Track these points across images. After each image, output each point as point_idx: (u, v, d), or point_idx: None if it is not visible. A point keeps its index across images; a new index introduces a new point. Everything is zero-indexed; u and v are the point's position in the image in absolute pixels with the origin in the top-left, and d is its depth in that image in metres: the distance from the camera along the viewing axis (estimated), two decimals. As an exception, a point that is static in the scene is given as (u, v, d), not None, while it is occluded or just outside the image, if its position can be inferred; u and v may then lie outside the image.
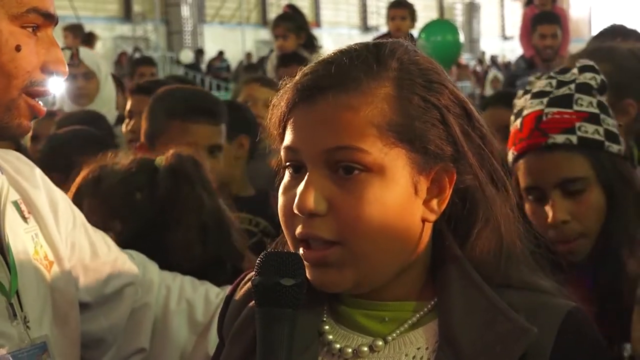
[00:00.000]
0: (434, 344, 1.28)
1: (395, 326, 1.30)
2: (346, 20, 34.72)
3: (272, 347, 1.22)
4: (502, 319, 1.25)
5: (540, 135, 1.83)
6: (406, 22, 6.99)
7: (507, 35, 40.84)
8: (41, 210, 1.70)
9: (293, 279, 1.23)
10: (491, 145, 1.34)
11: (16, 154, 1.79)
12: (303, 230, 1.26)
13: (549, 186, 1.81)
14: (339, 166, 1.25)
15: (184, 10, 27.82)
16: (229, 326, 1.40)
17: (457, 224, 1.33)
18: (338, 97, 1.25)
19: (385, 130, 1.25)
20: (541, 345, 1.24)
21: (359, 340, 1.31)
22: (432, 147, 1.27)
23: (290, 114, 1.29)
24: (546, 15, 7.16)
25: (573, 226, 1.80)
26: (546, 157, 1.82)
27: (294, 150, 1.28)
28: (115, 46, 25.52)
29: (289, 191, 1.28)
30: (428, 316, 1.31)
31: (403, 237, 1.27)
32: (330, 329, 1.33)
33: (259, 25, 30.38)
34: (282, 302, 1.23)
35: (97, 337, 1.85)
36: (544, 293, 1.31)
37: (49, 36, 1.55)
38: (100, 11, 26.11)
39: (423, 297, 1.32)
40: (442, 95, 1.29)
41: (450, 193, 1.30)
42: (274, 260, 1.25)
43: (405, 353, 1.29)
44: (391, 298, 1.31)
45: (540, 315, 1.26)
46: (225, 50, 26.50)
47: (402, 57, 1.30)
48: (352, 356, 1.30)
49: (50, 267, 1.68)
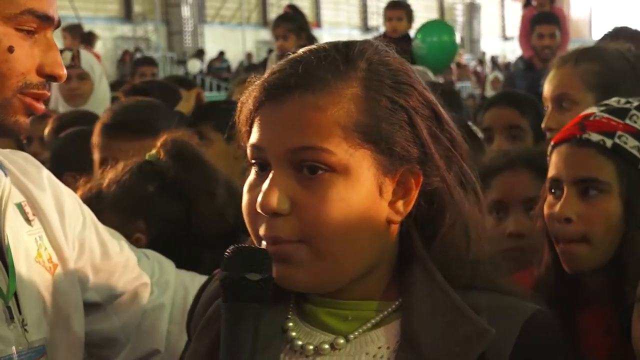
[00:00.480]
0: (395, 343, 1.28)
1: (358, 325, 1.30)
2: (347, 20, 34.71)
3: (236, 342, 1.21)
4: (463, 321, 1.25)
5: (578, 129, 1.78)
6: (403, 23, 6.98)
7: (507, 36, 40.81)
8: (47, 212, 1.69)
9: (259, 274, 1.22)
10: (460, 148, 1.33)
11: (24, 154, 1.79)
12: (266, 232, 1.25)
13: (568, 180, 1.76)
14: (303, 166, 1.25)
15: (184, 10, 27.81)
16: (196, 322, 1.40)
17: (424, 226, 1.32)
18: (304, 96, 1.25)
19: (351, 131, 1.24)
20: (502, 347, 1.24)
21: (321, 337, 1.31)
22: (398, 149, 1.26)
23: (257, 112, 1.29)
24: (544, 16, 7.17)
25: (575, 227, 1.74)
26: (575, 150, 1.77)
27: (260, 149, 1.28)
28: (116, 46, 25.52)
29: (254, 189, 1.28)
30: (391, 316, 1.31)
31: (367, 238, 1.27)
32: (294, 326, 1.33)
33: (259, 25, 30.37)
34: (247, 297, 1.22)
35: (110, 337, 1.84)
36: (509, 295, 1.31)
37: (47, 38, 1.52)
38: (100, 11, 26.10)
39: (387, 297, 1.32)
40: (411, 97, 1.28)
41: (417, 195, 1.29)
42: (242, 255, 1.24)
43: (366, 351, 1.29)
44: (355, 297, 1.31)
45: (502, 316, 1.26)
46: (226, 51, 26.49)
47: (372, 58, 1.29)
48: (313, 353, 1.30)
49: (54, 269, 1.67)
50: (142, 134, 2.60)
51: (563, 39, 6.94)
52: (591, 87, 2.55)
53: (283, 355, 1.31)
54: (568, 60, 2.69)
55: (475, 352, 1.23)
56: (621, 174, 1.74)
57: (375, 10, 35.70)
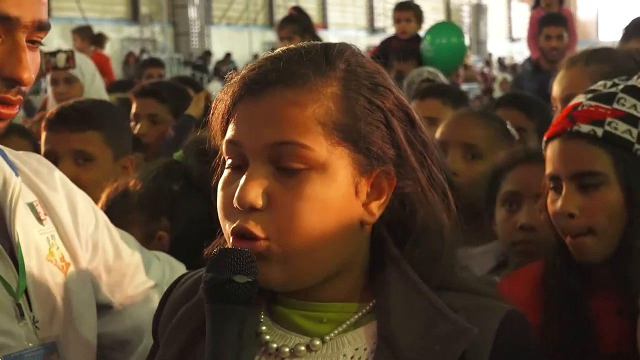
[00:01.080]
0: (373, 344, 1.28)
1: (333, 327, 1.30)
2: (353, 22, 34.71)
3: (222, 343, 1.21)
4: (441, 320, 1.26)
5: (567, 122, 1.78)
6: (411, 24, 6.97)
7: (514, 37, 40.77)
8: (59, 212, 1.70)
9: (246, 277, 1.22)
10: (432, 153, 1.34)
11: (37, 156, 1.80)
12: (237, 224, 1.25)
13: (565, 176, 1.77)
14: (280, 161, 1.24)
15: (191, 11, 27.83)
16: (164, 327, 1.39)
17: (396, 228, 1.33)
18: (284, 92, 1.25)
19: (330, 128, 1.25)
20: (480, 346, 1.25)
21: (297, 339, 1.30)
22: (375, 149, 1.27)
23: (235, 107, 1.28)
24: (552, 17, 7.16)
25: (579, 221, 1.75)
26: (567, 144, 1.77)
27: (236, 144, 1.28)
28: (122, 48, 25.55)
29: (229, 186, 1.28)
30: (366, 317, 1.31)
31: (339, 238, 1.27)
32: (267, 330, 1.32)
33: (266, 26, 30.38)
34: (234, 299, 1.22)
35: (122, 339, 1.84)
36: (483, 296, 1.32)
37: (15, 40, 1.46)
38: (107, 13, 26.14)
39: (362, 298, 1.32)
40: (387, 99, 1.29)
41: (390, 197, 1.30)
42: (227, 257, 1.23)
43: (344, 353, 1.29)
44: (329, 299, 1.31)
45: (479, 316, 1.27)
46: (233, 52, 26.51)
47: (350, 59, 1.30)
48: (289, 355, 1.29)
49: (66, 268, 1.68)
50: (81, 127, 2.72)
51: (571, 40, 6.92)
52: None
53: (257, 358, 1.30)
54: (578, 61, 2.69)
55: (457, 351, 1.24)
56: (616, 161, 1.74)
57: (382, 11, 35.70)
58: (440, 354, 1.24)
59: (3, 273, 1.55)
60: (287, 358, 1.29)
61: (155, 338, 1.44)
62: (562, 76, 2.72)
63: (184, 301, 1.37)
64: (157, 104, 4.02)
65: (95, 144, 2.74)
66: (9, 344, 1.53)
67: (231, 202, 1.26)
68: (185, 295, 1.38)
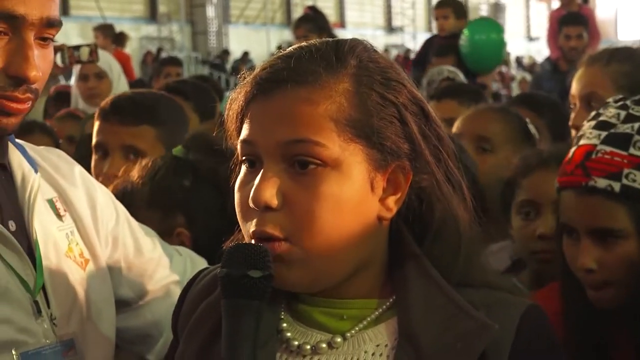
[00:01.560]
0: (394, 341, 1.28)
1: (353, 323, 1.30)
2: (371, 21, 34.68)
3: (237, 338, 1.21)
4: (462, 316, 1.26)
5: (582, 175, 1.71)
6: (450, 21, 6.87)
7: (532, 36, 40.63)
8: (78, 208, 1.71)
9: (261, 271, 1.22)
10: (448, 147, 1.33)
11: (57, 151, 1.80)
12: (256, 227, 1.25)
13: (582, 229, 1.72)
14: (295, 160, 1.24)
15: (209, 10, 27.89)
16: (184, 323, 1.39)
17: (414, 224, 1.32)
18: (296, 90, 1.25)
19: (343, 125, 1.24)
20: (501, 342, 1.25)
21: (318, 336, 1.30)
22: (389, 144, 1.27)
23: (248, 107, 1.29)
24: (572, 16, 7.12)
25: (598, 275, 1.72)
26: (584, 199, 1.71)
27: (251, 143, 1.28)
28: (141, 46, 25.63)
29: (245, 186, 1.28)
30: (387, 314, 1.31)
31: (358, 235, 1.26)
32: (288, 326, 1.32)
33: (283, 25, 30.39)
34: (249, 294, 1.22)
35: (143, 333, 1.84)
36: (502, 291, 1.32)
37: (22, 38, 1.47)
38: (126, 12, 26.23)
39: (381, 295, 1.32)
40: (400, 94, 1.29)
41: (407, 191, 1.29)
42: (242, 252, 1.24)
43: (365, 350, 1.29)
44: (349, 296, 1.31)
45: (499, 312, 1.27)
46: (250, 51, 26.54)
47: (361, 55, 1.29)
48: (310, 353, 1.29)
49: (85, 264, 1.68)
50: (135, 120, 2.59)
51: (592, 39, 6.87)
52: (620, 87, 2.53)
53: (279, 355, 1.31)
54: (598, 59, 2.67)
55: (478, 348, 1.24)
56: (635, 216, 1.69)
57: (399, 10, 35.66)
58: (461, 351, 1.24)
59: (20, 270, 1.56)
60: (309, 355, 1.30)
61: (175, 333, 1.44)
62: (582, 74, 2.70)
63: (204, 296, 1.37)
64: (181, 102, 4.02)
65: (147, 140, 2.60)
66: (26, 341, 1.53)
67: (247, 202, 1.26)
68: (204, 291, 1.38)
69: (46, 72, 1.55)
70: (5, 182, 1.61)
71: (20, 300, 1.54)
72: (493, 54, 6.74)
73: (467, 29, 6.70)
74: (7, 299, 1.52)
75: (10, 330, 1.51)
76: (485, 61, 6.57)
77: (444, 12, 6.93)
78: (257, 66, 1.32)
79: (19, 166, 1.63)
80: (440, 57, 6.30)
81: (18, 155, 1.65)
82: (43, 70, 1.52)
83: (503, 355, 1.24)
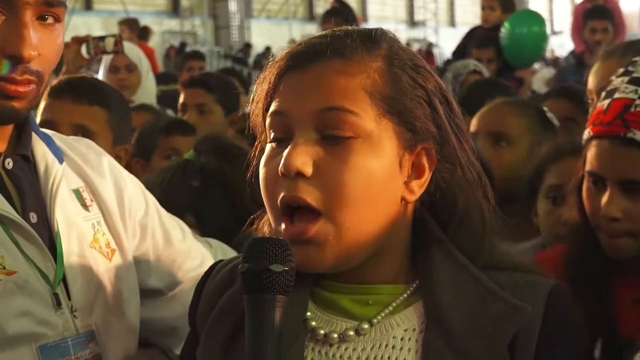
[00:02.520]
0: (421, 324, 1.28)
1: (379, 309, 1.30)
2: (393, 15, 34.59)
3: (261, 334, 1.20)
4: (492, 300, 1.26)
5: (621, 126, 1.73)
6: (495, 13, 6.69)
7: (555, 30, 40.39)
8: (106, 198, 1.70)
9: (283, 265, 1.21)
10: (467, 139, 1.36)
11: (87, 141, 1.80)
12: (287, 193, 1.24)
13: (612, 179, 1.74)
14: (328, 129, 1.25)
15: (231, 5, 27.92)
16: (204, 318, 1.39)
17: (439, 211, 1.33)
18: (333, 61, 1.26)
19: (377, 99, 1.26)
20: (530, 322, 1.25)
21: (344, 324, 1.30)
22: (419, 125, 1.28)
23: (280, 81, 1.29)
24: (597, 10, 7.05)
25: (623, 225, 1.74)
26: (619, 149, 1.73)
27: (282, 114, 1.28)
28: (163, 41, 25.69)
29: (272, 160, 1.28)
30: (411, 298, 1.31)
31: (384, 211, 1.27)
32: (313, 315, 1.32)
33: (305, 19, 30.38)
34: (271, 288, 1.21)
35: (171, 325, 1.84)
36: (526, 272, 1.33)
37: (17, 17, 1.47)
38: (148, 6, 26.30)
39: (406, 280, 1.33)
40: (428, 80, 1.31)
41: (430, 177, 1.30)
42: (263, 246, 1.23)
43: (393, 335, 1.29)
44: (374, 281, 1.31)
45: (526, 293, 1.28)
46: (272, 45, 26.55)
47: (391, 41, 1.33)
48: (338, 341, 1.29)
49: (111, 254, 1.68)
50: (89, 100, 2.55)
51: (618, 33, 6.80)
52: None
53: (306, 345, 1.30)
54: (614, 53, 2.67)
55: (510, 331, 1.24)
56: None
57: (422, 4, 35.54)
58: (492, 334, 1.24)
59: (40, 263, 1.56)
60: (336, 343, 1.30)
61: (193, 327, 1.44)
62: (598, 68, 2.69)
63: (222, 290, 1.37)
64: (205, 94, 4.05)
65: (98, 122, 2.56)
66: (45, 333, 1.53)
67: (276, 174, 1.26)
68: (222, 284, 1.38)
69: (50, 54, 1.53)
70: (28, 173, 1.61)
71: (40, 293, 1.54)
72: (533, 48, 6.50)
73: (508, 21, 6.43)
74: (26, 292, 1.52)
75: (29, 323, 1.52)
76: (525, 55, 6.36)
77: (491, 3, 6.75)
78: (288, 47, 1.33)
79: (42, 157, 1.63)
80: (479, 49, 6.16)
81: (42, 146, 1.64)
82: (45, 51, 1.51)
83: (533, 335, 1.25)
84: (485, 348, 1.24)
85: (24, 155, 1.61)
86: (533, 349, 1.25)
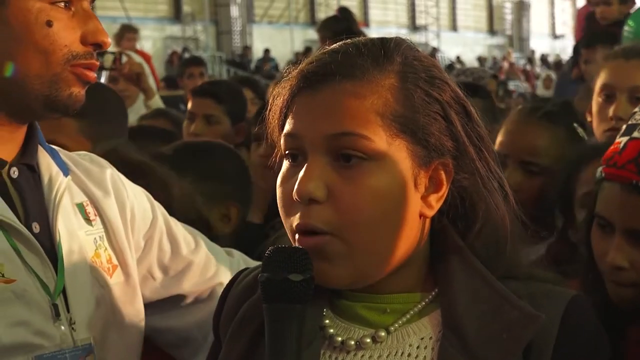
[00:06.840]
0: (438, 333, 1.27)
1: (396, 317, 1.29)
2: (395, 19, 34.66)
3: (281, 343, 1.19)
4: (508, 307, 1.25)
5: (634, 172, 1.63)
6: (612, 8, 5.88)
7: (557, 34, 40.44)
8: (108, 213, 1.70)
9: (301, 275, 1.20)
10: (488, 146, 1.33)
11: (91, 156, 1.79)
12: (301, 220, 1.24)
13: (620, 227, 1.66)
14: (340, 153, 1.24)
15: (233, 10, 27.98)
16: (226, 325, 1.38)
17: (458, 221, 1.32)
18: (343, 84, 1.24)
19: (389, 120, 1.24)
20: (546, 332, 1.24)
21: (361, 332, 1.29)
22: (434, 141, 1.26)
23: (293, 101, 1.28)
24: (599, 14, 7.03)
25: (629, 274, 1.66)
26: (629, 197, 1.63)
27: (295, 137, 1.27)
28: (165, 46, 25.75)
29: (288, 180, 1.27)
30: (429, 307, 1.30)
31: (401, 230, 1.26)
32: (330, 323, 1.31)
33: (307, 24, 30.42)
34: (290, 298, 1.20)
35: (185, 335, 1.83)
36: (546, 282, 1.31)
37: (84, 9, 1.55)
38: (150, 12, 26.37)
39: (424, 288, 1.31)
40: (444, 92, 1.28)
41: (448, 190, 1.29)
42: (281, 256, 1.22)
43: (410, 343, 1.28)
44: (392, 291, 1.30)
45: (543, 302, 1.26)
46: (274, 50, 26.59)
47: (406, 53, 1.30)
48: (355, 348, 1.29)
49: (113, 270, 1.67)
50: None
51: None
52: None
53: (323, 352, 1.30)
54: (618, 55, 2.71)
55: (525, 338, 1.23)
56: None
57: (423, 9, 35.59)
58: (507, 341, 1.23)
59: (41, 273, 1.54)
60: (353, 351, 1.29)
61: (217, 335, 1.44)
62: (619, 65, 2.69)
63: (245, 298, 1.36)
64: (214, 105, 3.99)
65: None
66: (42, 344, 1.52)
67: (291, 196, 1.25)
68: (246, 292, 1.37)
69: None
70: (33, 183, 1.61)
71: (38, 303, 1.53)
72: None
73: (631, 19, 5.27)
74: (24, 301, 1.51)
75: (26, 333, 1.50)
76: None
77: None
78: (303, 61, 1.32)
79: (47, 168, 1.63)
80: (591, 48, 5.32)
81: (47, 157, 1.65)
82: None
83: (548, 345, 1.24)
84: (500, 356, 1.23)
85: (30, 165, 1.61)
86: (549, 358, 1.24)
